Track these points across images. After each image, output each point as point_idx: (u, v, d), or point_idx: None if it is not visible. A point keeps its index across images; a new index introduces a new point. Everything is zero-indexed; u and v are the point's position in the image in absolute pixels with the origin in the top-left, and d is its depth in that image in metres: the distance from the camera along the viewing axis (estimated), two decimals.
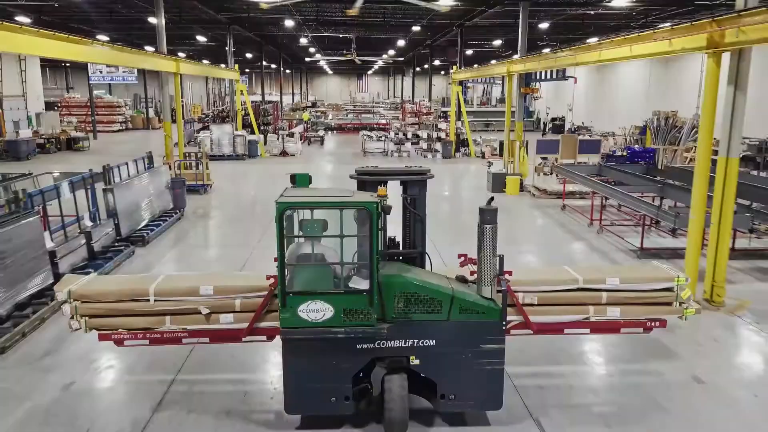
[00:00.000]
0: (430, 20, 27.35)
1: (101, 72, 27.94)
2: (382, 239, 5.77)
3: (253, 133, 29.48)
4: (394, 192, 5.76)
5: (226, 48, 30.85)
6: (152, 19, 24.57)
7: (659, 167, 17.94)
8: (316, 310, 5.07)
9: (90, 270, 9.77)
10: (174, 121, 21.05)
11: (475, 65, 37.24)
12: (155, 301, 5.56)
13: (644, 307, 5.85)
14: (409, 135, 31.40)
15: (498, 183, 18.35)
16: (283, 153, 28.67)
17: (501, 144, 24.21)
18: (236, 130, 28.09)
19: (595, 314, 5.76)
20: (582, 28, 28.14)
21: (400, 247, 6.11)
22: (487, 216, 5.24)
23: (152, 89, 62.04)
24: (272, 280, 5.47)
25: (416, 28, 28.93)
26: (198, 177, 18.08)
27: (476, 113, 44.39)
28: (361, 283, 5.16)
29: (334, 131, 42.30)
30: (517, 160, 18.88)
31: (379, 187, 5.68)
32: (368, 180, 5.97)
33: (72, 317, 5.54)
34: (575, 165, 17.75)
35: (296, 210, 5.29)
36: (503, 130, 39.87)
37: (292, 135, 30.86)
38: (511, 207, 16.62)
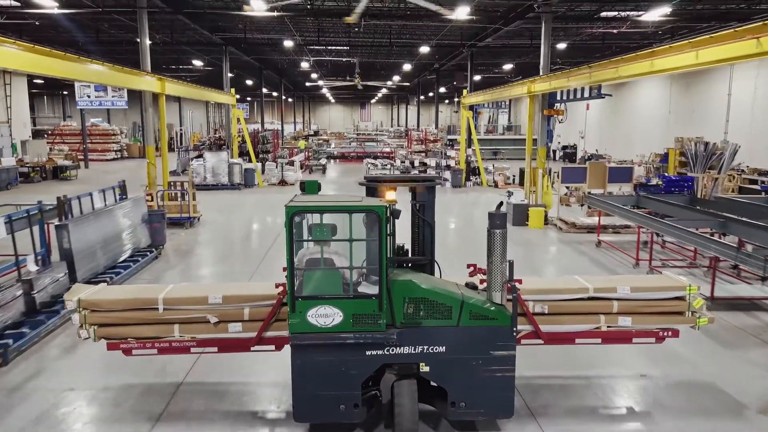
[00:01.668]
0: (439, 40, 25.73)
1: (89, 97, 26.27)
2: (390, 245, 5.69)
3: (250, 161, 27.76)
4: (403, 200, 5.77)
5: (228, 71, 29.34)
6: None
7: (699, 197, 16.03)
8: (325, 315, 5.07)
9: (25, 330, 7.78)
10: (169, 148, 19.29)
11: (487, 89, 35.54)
12: (164, 309, 5.57)
13: (656, 316, 5.76)
14: (416, 163, 29.57)
15: (519, 215, 16.34)
16: (282, 182, 26.87)
17: (521, 172, 22.26)
18: (232, 158, 26.29)
19: (606, 323, 5.69)
20: (601, 50, 26.47)
21: (409, 255, 6.11)
22: (496, 220, 5.22)
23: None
24: (281, 288, 5.47)
25: (424, 50, 27.22)
26: (184, 209, 16.15)
27: (483, 141, 42.61)
28: (371, 288, 5.16)
29: (337, 160, 40.66)
30: (540, 189, 16.90)
31: (387, 192, 5.79)
32: (377, 186, 5.98)
33: (81, 326, 5.55)
34: (606, 195, 15.77)
35: (305, 214, 5.33)
36: (512, 159, 38.59)
37: (291, 163, 29.11)
38: (538, 243, 14.60)
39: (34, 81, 50.86)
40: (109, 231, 11.05)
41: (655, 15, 17.30)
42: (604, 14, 18.90)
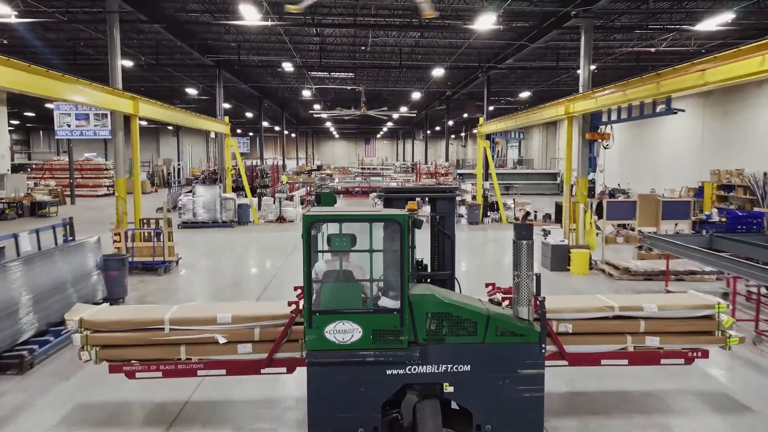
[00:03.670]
0: (453, 63, 23.38)
1: (69, 126, 23.96)
2: (411, 258, 5.33)
3: (245, 195, 25.25)
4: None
5: (222, 98, 27.02)
6: (125, 62, 20.81)
7: None
8: (343, 331, 4.85)
9: None
10: (163, 183, 16.82)
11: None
12: (170, 329, 5.38)
13: (684, 336, 5.60)
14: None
15: (559, 258, 13.62)
16: (280, 219, 24.25)
17: (557, 207, 19.59)
18: (224, 192, 23.74)
19: (633, 343, 5.52)
20: (635, 73, 24.12)
21: (428, 270, 5.91)
22: (523, 231, 5.02)
23: (149, 152, 58.84)
24: (294, 307, 5.34)
25: (437, 73, 24.78)
26: (157, 251, 13.51)
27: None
28: (391, 303, 4.94)
29: (341, 195, 38.23)
30: (581, 228, 14.21)
31: (408, 201, 5.75)
32: (395, 197, 5.90)
33: (82, 348, 5.37)
34: (666, 234, 13.11)
35: (324, 224, 5.11)
36: (525, 194, 36.00)
37: (291, 198, 26.57)
38: (588, 294, 11.81)
39: (26, 114, 49.19)
40: (41, 284, 8.35)
41: (712, 25, 14.89)
42: (651, 25, 16.43)
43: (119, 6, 13.97)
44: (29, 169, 38.29)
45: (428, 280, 5.79)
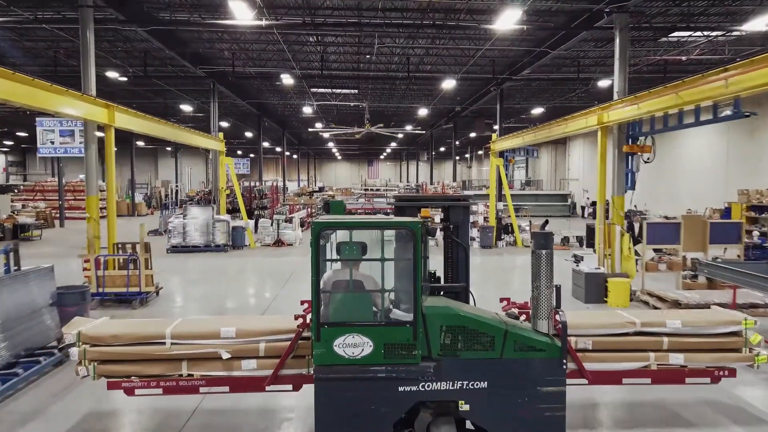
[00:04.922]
0: (464, 75, 21.79)
1: (53, 143, 22.38)
2: (425, 268, 5.08)
3: (241, 218, 23.57)
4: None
5: (217, 113, 25.49)
6: (110, 74, 19.32)
7: None
8: (353, 345, 4.63)
9: None
10: (159, 205, 15.19)
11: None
12: (172, 344, 5.22)
13: (710, 354, 5.39)
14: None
15: (595, 288, 11.82)
16: (279, 242, 22.58)
17: (589, 230, 17.79)
18: (218, 213, 22.05)
19: (656, 361, 5.32)
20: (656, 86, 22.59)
21: (442, 282, 5.79)
22: (541, 240, 4.80)
23: (147, 173, 57.47)
24: (300, 321, 5.13)
25: (448, 85, 23.12)
26: (132, 280, 11.76)
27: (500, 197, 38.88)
28: (404, 315, 4.77)
29: None
30: (617, 253, 12.45)
31: (421, 209, 5.59)
32: (407, 206, 5.82)
33: (80, 363, 5.19)
34: (725, 260, 11.33)
35: (333, 232, 4.92)
36: (534, 215, 34.25)
37: (290, 220, 24.88)
38: None
39: (21, 135, 47.88)
40: None
41: (761, 24, 13.29)
42: (692, 24, 14.86)
43: (93, 1, 12.41)
44: (16, 190, 36.76)
45: (441, 293, 5.57)
